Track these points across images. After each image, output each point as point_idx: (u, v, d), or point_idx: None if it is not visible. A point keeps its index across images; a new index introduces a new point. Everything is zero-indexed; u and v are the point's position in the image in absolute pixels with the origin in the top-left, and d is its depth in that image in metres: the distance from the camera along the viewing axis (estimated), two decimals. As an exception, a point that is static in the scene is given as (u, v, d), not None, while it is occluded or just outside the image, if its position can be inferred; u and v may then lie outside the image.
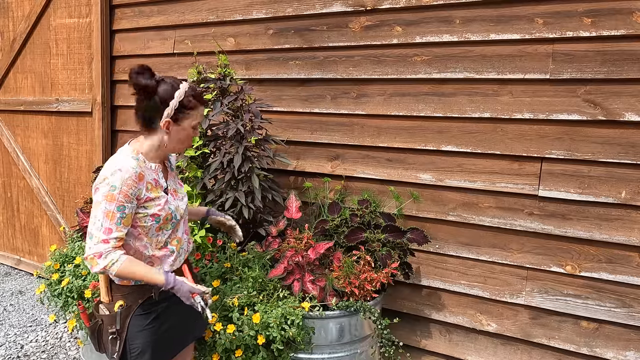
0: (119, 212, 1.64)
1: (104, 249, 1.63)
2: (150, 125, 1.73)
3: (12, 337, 3.33)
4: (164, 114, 1.70)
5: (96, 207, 1.65)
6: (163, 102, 1.70)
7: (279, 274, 2.32)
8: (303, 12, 2.81)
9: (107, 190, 1.64)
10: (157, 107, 1.70)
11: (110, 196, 1.63)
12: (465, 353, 2.62)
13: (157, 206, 1.74)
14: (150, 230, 1.75)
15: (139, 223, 1.73)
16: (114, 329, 1.76)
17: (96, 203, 1.65)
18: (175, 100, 1.70)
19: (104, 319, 1.79)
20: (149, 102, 1.70)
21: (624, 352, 2.26)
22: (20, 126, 4.24)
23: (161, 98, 1.69)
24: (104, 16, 3.56)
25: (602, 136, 2.20)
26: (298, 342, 2.18)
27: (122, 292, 1.77)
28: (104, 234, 1.63)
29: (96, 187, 1.66)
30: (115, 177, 1.64)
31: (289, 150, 2.95)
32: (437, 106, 2.52)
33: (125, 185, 1.64)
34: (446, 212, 2.56)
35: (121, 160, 1.69)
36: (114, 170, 1.66)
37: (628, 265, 2.21)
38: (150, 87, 1.68)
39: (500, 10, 2.34)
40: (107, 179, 1.65)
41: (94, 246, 1.64)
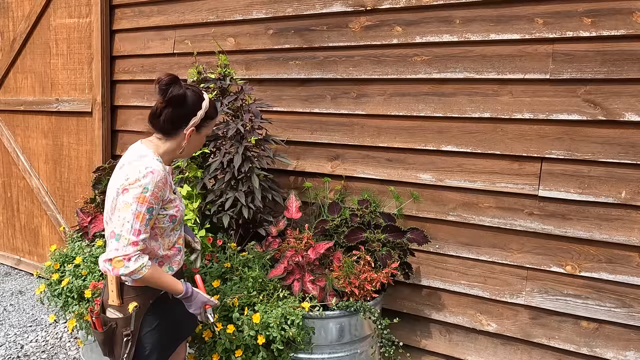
0: (148, 214, 1.67)
1: (132, 251, 1.63)
2: (172, 132, 1.77)
3: (12, 337, 3.33)
4: (190, 122, 1.76)
5: (125, 209, 1.64)
6: (192, 112, 1.75)
7: (279, 274, 2.32)
8: (303, 12, 2.81)
9: (139, 192, 1.65)
10: (184, 116, 1.75)
11: (142, 198, 1.65)
12: (465, 353, 2.62)
13: (174, 207, 1.78)
14: (166, 231, 1.79)
15: (158, 224, 1.75)
16: (128, 331, 1.76)
17: (124, 204, 1.64)
18: (203, 111, 1.77)
19: (119, 322, 1.78)
20: (177, 110, 1.73)
21: (624, 352, 2.26)
22: (20, 126, 4.24)
23: (190, 108, 1.75)
24: (104, 16, 3.56)
25: (602, 136, 2.20)
26: (298, 342, 2.18)
27: (135, 293, 1.78)
28: (134, 235, 1.64)
29: (125, 187, 1.66)
30: (148, 179, 1.66)
31: (289, 150, 2.95)
32: (437, 106, 2.52)
33: (156, 187, 1.67)
34: (446, 212, 2.56)
35: (150, 162, 1.71)
36: (146, 172, 1.67)
37: (628, 265, 2.21)
38: (180, 97, 1.72)
39: (500, 10, 2.34)
40: (140, 181, 1.65)
41: (123, 248, 1.63)
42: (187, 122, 1.76)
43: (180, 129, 1.76)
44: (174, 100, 1.71)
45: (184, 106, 1.74)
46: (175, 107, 1.73)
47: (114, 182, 1.72)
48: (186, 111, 1.75)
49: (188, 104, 1.74)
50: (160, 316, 1.83)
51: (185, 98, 1.73)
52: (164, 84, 1.70)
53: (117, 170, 1.76)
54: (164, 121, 1.74)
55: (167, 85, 1.71)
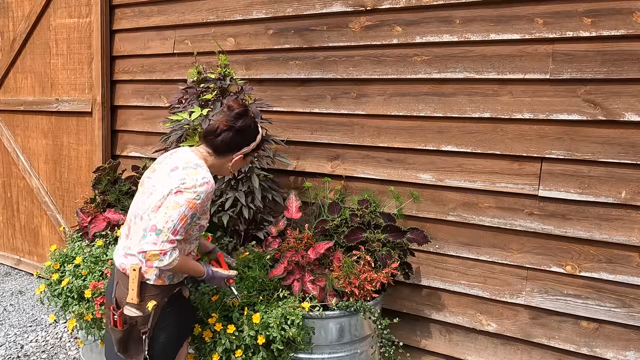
0: (190, 219, 1.76)
1: (169, 248, 1.72)
2: (224, 153, 1.88)
3: (12, 337, 3.33)
4: (242, 150, 1.89)
5: (174, 208, 1.73)
6: (247, 142, 1.89)
7: (279, 274, 2.32)
8: (303, 12, 2.81)
9: (192, 197, 1.75)
10: (240, 143, 1.88)
11: (192, 204, 1.75)
12: (465, 353, 2.62)
13: (206, 219, 1.90)
14: (191, 238, 1.90)
15: (189, 231, 1.85)
16: (146, 329, 1.83)
17: (175, 204, 1.73)
18: (256, 143, 1.91)
19: (139, 320, 1.84)
20: (236, 137, 1.86)
21: (624, 352, 2.26)
22: (20, 126, 4.24)
23: (248, 138, 1.89)
24: (104, 16, 3.56)
25: (602, 136, 2.20)
26: (298, 342, 2.18)
27: (155, 292, 1.85)
28: (173, 234, 1.73)
29: (179, 190, 1.75)
30: (203, 188, 1.77)
31: (289, 150, 2.95)
32: (437, 106, 2.52)
33: (206, 198, 1.78)
34: (446, 212, 2.56)
35: (207, 173, 1.81)
36: (203, 182, 1.77)
37: (628, 265, 2.21)
38: (246, 127, 1.86)
39: (500, 10, 2.34)
40: (196, 188, 1.75)
41: (161, 243, 1.71)
42: (240, 149, 1.89)
43: (231, 153, 1.88)
44: (238, 128, 1.84)
45: (244, 135, 1.87)
46: (236, 134, 1.85)
47: (165, 182, 1.79)
48: (243, 140, 1.88)
49: (247, 134, 1.88)
50: (173, 313, 1.90)
51: (248, 129, 1.87)
52: (237, 113, 1.84)
53: (166, 171, 1.84)
54: (221, 142, 1.85)
55: (240, 115, 1.85)
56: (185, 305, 2.03)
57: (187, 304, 2.05)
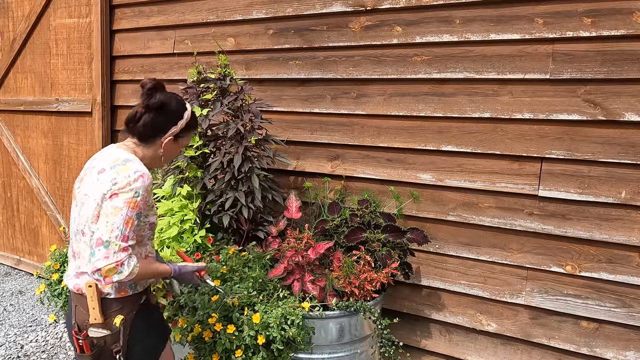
0: (137, 220, 1.61)
1: (124, 257, 1.56)
2: (150, 138, 1.71)
3: (12, 337, 3.33)
4: (170, 131, 1.71)
5: (114, 213, 1.56)
6: (172, 121, 1.71)
7: (279, 274, 2.32)
8: (303, 12, 2.81)
9: (130, 196, 1.58)
10: (165, 123, 1.70)
11: (133, 203, 1.58)
12: (465, 353, 2.62)
13: (153, 216, 1.73)
14: (144, 239, 1.73)
15: (140, 232, 1.69)
16: (118, 347, 1.69)
17: (114, 209, 1.57)
18: (184, 121, 1.73)
19: (107, 339, 1.68)
20: (158, 117, 1.69)
21: (624, 352, 2.26)
22: (20, 126, 4.24)
23: (172, 116, 1.71)
24: (104, 16, 3.57)
25: (602, 136, 2.20)
26: (298, 342, 2.18)
27: (119, 306, 1.70)
28: (123, 241, 1.57)
29: (114, 192, 1.58)
30: (139, 183, 1.60)
31: (289, 150, 2.95)
32: (437, 106, 2.52)
33: (146, 192, 1.62)
34: (446, 212, 2.56)
35: (138, 166, 1.65)
36: (136, 177, 1.61)
37: (628, 265, 2.21)
38: (164, 104, 1.68)
39: (500, 10, 2.34)
40: (131, 185, 1.59)
41: (114, 255, 1.54)
42: (167, 131, 1.71)
43: (158, 136, 1.71)
44: (156, 106, 1.66)
45: (166, 114, 1.69)
46: (156, 113, 1.68)
47: (96, 188, 1.63)
48: (167, 119, 1.70)
49: (170, 112, 1.70)
50: (145, 324, 1.77)
51: (168, 105, 1.69)
52: (148, 89, 1.65)
53: (94, 175, 1.66)
54: (143, 126, 1.69)
55: (151, 90, 1.66)
56: (156, 311, 1.89)
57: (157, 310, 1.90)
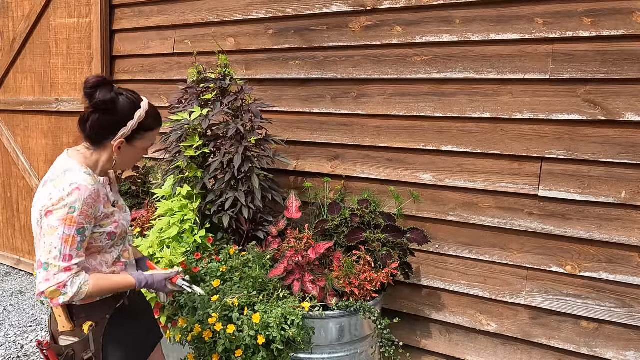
0: (79, 236, 1.49)
1: (66, 277, 1.46)
2: (100, 141, 1.58)
3: (12, 337, 3.33)
4: (119, 133, 1.56)
5: (51, 233, 1.46)
6: (120, 121, 1.56)
7: (279, 274, 2.32)
8: (303, 12, 2.81)
9: (65, 213, 1.46)
10: (113, 125, 1.56)
11: (69, 219, 1.46)
12: (465, 353, 2.62)
13: (113, 224, 1.62)
14: (104, 248, 1.64)
15: (94, 243, 1.59)
16: (89, 354, 1.61)
17: (50, 228, 1.46)
18: (135, 121, 1.57)
19: (75, 347, 1.60)
20: (104, 118, 1.54)
21: (624, 352, 2.26)
22: (20, 126, 4.24)
23: (119, 116, 1.55)
24: (104, 16, 3.57)
25: (602, 136, 2.20)
26: (298, 342, 2.18)
27: (87, 312, 1.62)
28: (64, 261, 1.46)
29: (48, 210, 1.47)
30: (73, 197, 1.47)
31: (289, 150, 2.94)
32: (437, 106, 2.52)
33: (85, 205, 1.49)
34: (446, 212, 2.56)
35: (76, 177, 1.51)
36: (70, 190, 1.48)
37: (628, 265, 2.21)
38: (108, 102, 1.52)
39: (500, 10, 2.34)
40: (64, 200, 1.46)
41: (54, 277, 1.45)
42: (116, 132, 1.56)
43: (107, 139, 1.57)
44: (100, 106, 1.52)
45: (113, 114, 1.54)
46: (102, 114, 1.53)
47: (37, 203, 1.53)
48: (115, 120, 1.55)
49: (117, 112, 1.54)
50: (122, 330, 1.68)
51: (114, 104, 1.53)
52: (90, 87, 1.51)
53: (39, 189, 1.56)
54: (90, 128, 1.56)
55: (94, 88, 1.51)
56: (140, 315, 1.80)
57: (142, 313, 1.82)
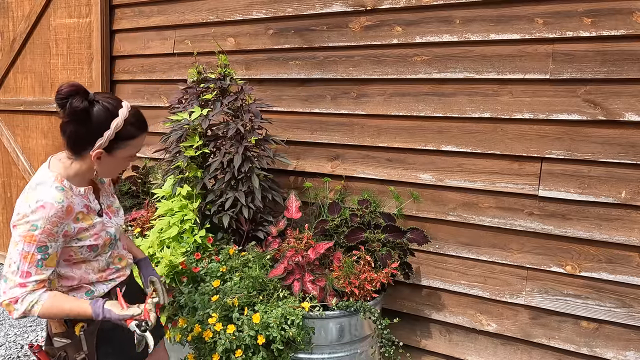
0: (40, 254, 1.45)
1: (20, 293, 1.44)
2: (79, 151, 1.52)
3: (12, 337, 3.33)
4: (96, 144, 1.49)
5: (13, 247, 1.44)
6: (96, 131, 1.48)
7: (279, 274, 2.32)
8: (303, 12, 2.81)
9: (26, 229, 1.43)
10: (87, 135, 1.48)
11: (29, 237, 1.43)
12: (465, 353, 2.62)
13: (92, 236, 1.57)
14: (88, 258, 1.59)
15: (74, 255, 1.55)
16: (82, 355, 1.59)
17: (13, 242, 1.44)
18: (111, 131, 1.49)
19: (68, 349, 1.59)
20: (78, 128, 1.47)
21: (624, 352, 2.26)
22: (20, 126, 4.24)
23: (94, 125, 1.47)
24: (104, 16, 3.56)
25: (602, 136, 2.20)
26: (298, 342, 2.18)
27: None
28: (21, 277, 1.44)
29: (13, 224, 1.45)
30: (37, 215, 1.43)
31: (289, 150, 2.95)
32: (437, 106, 2.52)
33: (48, 224, 1.44)
34: (446, 212, 2.56)
35: (44, 194, 1.46)
36: (35, 207, 1.43)
37: (628, 265, 2.21)
38: (82, 111, 1.45)
39: (500, 10, 2.34)
40: (27, 217, 1.43)
41: (9, 290, 1.44)
42: (92, 143, 1.48)
43: (85, 149, 1.50)
44: (73, 116, 1.45)
45: (87, 124, 1.46)
46: (76, 124, 1.47)
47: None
48: (89, 130, 1.47)
49: (92, 122, 1.46)
50: (116, 330, 1.62)
51: (87, 114, 1.45)
52: (61, 96, 1.44)
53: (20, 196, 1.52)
54: (68, 138, 1.50)
55: (65, 98, 1.44)
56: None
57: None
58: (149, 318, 1.53)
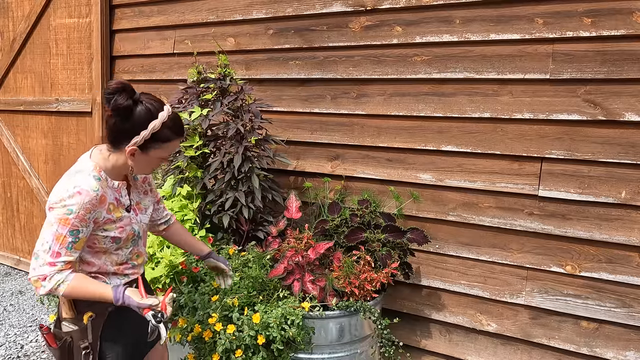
0: (72, 237, 1.53)
1: (48, 271, 1.52)
2: (117, 145, 1.61)
3: (12, 337, 3.33)
4: (132, 141, 1.57)
5: (47, 228, 1.53)
6: (134, 129, 1.56)
7: (279, 274, 2.32)
8: (303, 12, 2.81)
9: (62, 213, 1.51)
10: (126, 131, 1.57)
11: (64, 220, 1.51)
12: (465, 353, 2.62)
13: (118, 228, 1.65)
14: (109, 250, 1.67)
15: (97, 244, 1.63)
16: (86, 343, 1.66)
17: (48, 223, 1.53)
18: (148, 132, 1.56)
19: (74, 335, 1.67)
20: (120, 124, 1.56)
21: (624, 352, 2.26)
22: (20, 126, 4.24)
23: (133, 124, 1.56)
24: (104, 16, 3.57)
25: (602, 136, 2.20)
26: (298, 342, 2.18)
27: (89, 302, 1.65)
28: (51, 257, 1.52)
29: (50, 206, 1.54)
30: (74, 200, 1.52)
31: (289, 150, 2.95)
32: (437, 106, 2.52)
33: (82, 210, 1.53)
34: (446, 212, 2.56)
35: (81, 181, 1.55)
36: (73, 192, 1.52)
37: (628, 265, 2.21)
38: (125, 108, 1.54)
39: (500, 10, 2.34)
40: (65, 201, 1.52)
41: (39, 268, 1.53)
42: (129, 139, 1.57)
43: (122, 144, 1.59)
44: (117, 111, 1.54)
45: (128, 121, 1.55)
46: (119, 119, 1.55)
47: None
48: (129, 127, 1.56)
49: (132, 120, 1.55)
50: (123, 323, 1.72)
51: (130, 112, 1.54)
52: (109, 92, 1.54)
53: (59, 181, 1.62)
54: (109, 130, 1.59)
55: (112, 94, 1.53)
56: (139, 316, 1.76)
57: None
58: (166, 311, 1.60)
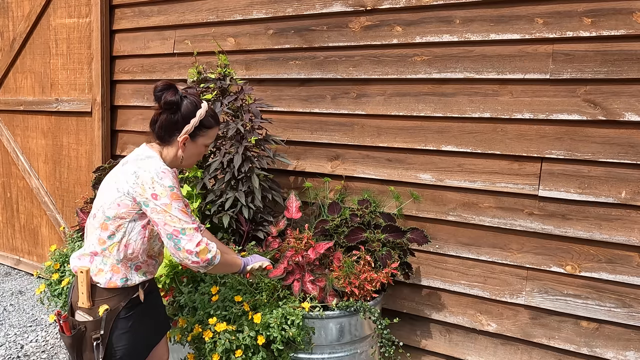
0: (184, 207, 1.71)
1: (200, 238, 1.69)
2: (167, 138, 1.79)
3: (12, 337, 3.33)
4: (183, 130, 1.77)
5: (168, 210, 1.66)
6: (184, 119, 1.76)
7: (279, 274, 2.32)
8: (303, 12, 2.81)
9: (168, 191, 1.68)
10: (178, 123, 1.76)
11: (174, 195, 1.69)
12: (465, 353, 2.62)
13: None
14: (155, 247, 1.81)
15: (150, 226, 1.75)
16: (98, 335, 1.73)
17: (163, 209, 1.66)
18: (197, 119, 1.77)
19: (88, 325, 1.74)
20: (170, 117, 1.75)
21: (624, 352, 2.26)
22: (19, 126, 4.24)
23: (183, 115, 1.76)
24: (104, 16, 3.56)
25: (602, 136, 2.21)
26: (298, 342, 2.18)
27: (107, 295, 1.76)
28: (193, 223, 1.70)
29: (153, 194, 1.67)
30: (166, 179, 1.69)
31: (289, 150, 2.95)
32: (437, 106, 2.52)
33: (175, 185, 1.72)
34: (446, 212, 2.56)
35: (158, 164, 1.72)
36: (159, 172, 1.69)
37: (628, 265, 2.21)
38: (175, 103, 1.74)
39: (500, 10, 2.34)
40: (160, 181, 1.68)
41: (193, 237, 1.67)
42: (180, 129, 1.77)
43: (173, 136, 1.78)
44: (167, 106, 1.73)
45: (177, 113, 1.75)
46: (169, 114, 1.75)
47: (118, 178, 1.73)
48: (179, 118, 1.76)
49: (181, 110, 1.75)
50: (133, 320, 1.80)
51: (178, 105, 1.75)
52: (158, 90, 1.74)
53: (119, 167, 1.77)
54: (158, 127, 1.77)
55: (161, 92, 1.74)
56: (149, 313, 1.90)
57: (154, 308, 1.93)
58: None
